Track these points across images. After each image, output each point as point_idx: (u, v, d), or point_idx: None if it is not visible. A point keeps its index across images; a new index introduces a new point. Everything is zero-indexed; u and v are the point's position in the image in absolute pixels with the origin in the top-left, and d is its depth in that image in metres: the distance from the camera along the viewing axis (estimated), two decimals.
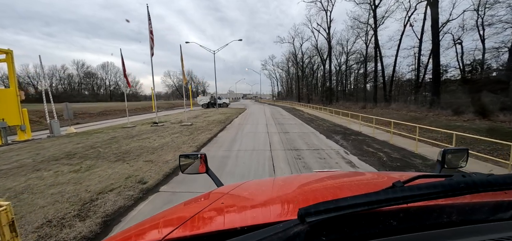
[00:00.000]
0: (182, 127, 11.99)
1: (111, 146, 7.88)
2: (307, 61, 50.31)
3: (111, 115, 26.99)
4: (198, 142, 8.02)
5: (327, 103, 32.24)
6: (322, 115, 18.57)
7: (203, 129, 11.36)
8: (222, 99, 38.03)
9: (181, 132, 10.31)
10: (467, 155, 1.22)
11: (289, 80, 69.75)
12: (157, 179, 4.54)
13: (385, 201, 0.43)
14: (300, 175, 1.43)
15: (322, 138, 9.00)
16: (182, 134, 9.84)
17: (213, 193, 1.04)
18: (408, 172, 1.40)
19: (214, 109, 30.04)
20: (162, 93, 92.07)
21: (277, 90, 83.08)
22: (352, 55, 39.24)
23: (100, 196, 3.87)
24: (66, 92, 65.98)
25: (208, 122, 14.48)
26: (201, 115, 19.66)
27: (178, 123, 14.10)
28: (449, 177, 0.57)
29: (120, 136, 9.96)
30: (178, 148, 7.12)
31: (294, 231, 0.43)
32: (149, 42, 12.88)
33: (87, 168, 5.47)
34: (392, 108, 18.98)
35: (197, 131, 10.71)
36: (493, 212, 0.53)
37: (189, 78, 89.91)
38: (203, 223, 0.69)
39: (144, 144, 8.01)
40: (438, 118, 12.77)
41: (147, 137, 9.39)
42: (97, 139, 9.33)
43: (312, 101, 41.90)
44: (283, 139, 8.63)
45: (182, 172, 1.41)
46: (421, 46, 22.33)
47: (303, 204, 0.59)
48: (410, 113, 15.41)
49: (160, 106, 39.90)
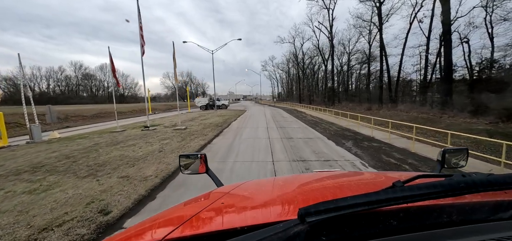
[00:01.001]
0: (174, 132, 10.93)
1: (88, 155, 6.83)
2: (308, 61, 49.34)
3: (105, 118, 25.95)
4: (188, 151, 6.96)
5: (329, 104, 31.19)
6: (326, 117, 17.49)
7: (198, 134, 10.30)
8: (221, 100, 36.94)
9: (171, 138, 9.25)
10: (467, 154, 1.21)
11: (290, 81, 68.81)
12: (125, 207, 3.47)
13: (385, 201, 0.42)
14: (300, 175, 1.51)
15: (332, 145, 7.92)
16: (173, 141, 8.78)
17: (213, 193, 1.04)
18: (408, 172, 1.55)
19: (213, 111, 28.99)
20: (161, 95, 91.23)
21: (277, 91, 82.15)
22: (353, 55, 38.25)
23: (41, 236, 2.81)
24: (63, 94, 65.10)
25: (204, 125, 13.41)
26: (198, 118, 18.59)
27: (172, 127, 13.04)
28: (449, 177, 0.56)
29: (104, 142, 8.91)
30: (162, 160, 6.05)
31: (294, 231, 0.43)
32: (139, 40, 11.85)
33: (47, 187, 4.41)
34: (400, 110, 17.88)
35: (190, 136, 9.65)
36: (493, 212, 0.52)
37: (188, 79, 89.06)
38: (203, 223, 0.69)
39: (127, 153, 6.95)
40: (454, 120, 11.69)
41: (133, 144, 8.33)
42: (77, 147, 8.28)
43: (314, 102, 40.84)
44: (286, 147, 7.56)
45: (182, 172, 1.41)
46: (429, 44, 21.29)
47: (303, 204, 0.56)
48: (422, 114, 14.33)
49: (157, 108, 38.90)
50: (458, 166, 1.21)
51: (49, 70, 65.13)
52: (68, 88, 69.72)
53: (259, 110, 30.43)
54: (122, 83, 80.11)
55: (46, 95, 60.78)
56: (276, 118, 17.61)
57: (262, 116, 19.98)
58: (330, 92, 34.59)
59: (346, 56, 38.83)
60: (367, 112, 19.35)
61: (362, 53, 35.76)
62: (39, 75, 64.02)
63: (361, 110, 21.90)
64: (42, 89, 64.71)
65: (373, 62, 34.02)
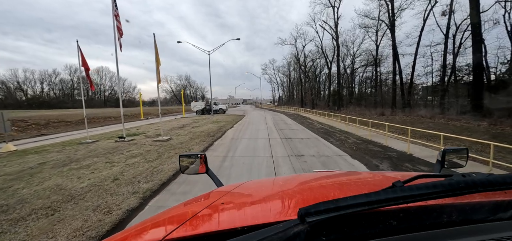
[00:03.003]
0: (152, 145, 8.73)
1: (12, 185, 4.66)
2: (310, 64, 47.35)
3: (92, 123, 23.78)
4: (154, 182, 4.75)
5: (335, 108, 29.03)
6: (338, 125, 15.24)
7: (180, 148, 8.10)
8: (219, 104, 34.73)
9: (144, 155, 7.05)
10: (467, 154, 1.20)
11: (291, 85, 66.86)
12: None
13: (385, 201, 0.42)
14: (301, 175, 1.45)
15: (361, 168, 5.71)
16: (145, 159, 6.58)
17: (213, 193, 1.04)
18: (408, 172, 1.42)
19: (209, 116, 26.84)
20: (162, 99, 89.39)
21: (278, 95, 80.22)
22: (358, 57, 36.29)
23: None
24: (57, 98, 63.08)
25: (193, 135, 11.21)
26: (189, 125, 16.38)
27: (154, 137, 10.84)
28: (449, 177, 0.55)
29: (54, 160, 6.74)
30: (106, 201, 3.83)
31: (294, 231, 0.43)
32: (114, 34, 9.76)
33: None
34: (420, 115, 15.63)
35: (169, 152, 7.44)
36: (493, 212, 0.52)
37: (186, 83, 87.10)
38: (203, 223, 0.69)
39: (66, 182, 4.76)
40: (503, 129, 9.49)
41: (88, 165, 6.13)
42: (15, 167, 6.13)
43: (317, 106, 38.69)
44: (298, 171, 5.37)
45: (182, 173, 1.41)
46: (447, 43, 19.21)
47: (303, 204, 0.57)
48: (452, 122, 12.13)
49: (151, 113, 36.74)
50: (458, 166, 1.20)
51: (43, 73, 63.15)
52: (64, 91, 67.66)
53: (259, 115, 28.17)
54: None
55: (38, 99, 58.79)
56: (279, 126, 15.38)
57: (262, 123, 17.77)
58: (336, 96, 32.40)
59: (350, 58, 36.91)
60: (380, 118, 17.17)
61: (368, 55, 33.81)
62: (33, 78, 62.04)
63: (373, 115, 19.70)
64: (36, 93, 62.70)
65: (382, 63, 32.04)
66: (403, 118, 15.22)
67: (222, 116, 27.25)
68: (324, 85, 50.64)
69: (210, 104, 29.84)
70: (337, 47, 30.55)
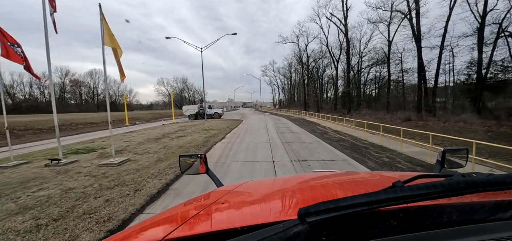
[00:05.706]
0: (89, 175, 5.51)
1: None
2: (312, 65, 44.25)
3: (66, 131, 20.58)
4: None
5: (344, 112, 25.83)
6: (358, 134, 12.00)
7: (128, 186, 4.86)
8: (214, 108, 31.46)
9: (55, 203, 3.82)
10: (467, 154, 1.19)
11: (291, 87, 63.72)
12: None
13: (385, 201, 0.42)
14: (301, 175, 1.47)
15: None
16: (37, 217, 3.36)
17: (213, 193, 1.03)
18: (408, 172, 1.41)
19: (202, 121, 23.65)
20: (159, 102, 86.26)
21: (278, 97, 77.09)
22: (365, 56, 33.21)
23: None
24: (46, 103, 59.96)
25: (165, 153, 7.99)
26: (170, 134, 13.12)
27: (106, 157, 7.60)
28: (449, 177, 0.55)
29: None
30: None
31: (294, 231, 0.43)
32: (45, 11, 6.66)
33: None
34: (463, 120, 12.38)
35: (99, 193, 4.21)
36: (493, 212, 0.52)
37: (184, 86, 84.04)
38: (203, 223, 0.68)
39: None
40: None
41: None
42: None
43: (322, 109, 35.50)
44: None
45: (182, 173, 1.40)
46: (482, 34, 16.08)
47: (303, 204, 0.56)
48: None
49: (140, 118, 33.53)
50: (458, 166, 1.18)
51: (32, 76, 60.10)
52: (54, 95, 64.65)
53: (259, 120, 24.86)
54: (113, 91, 75.28)
55: (26, 103, 55.74)
56: (285, 136, 12.04)
57: (263, 130, 14.55)
58: (346, 97, 29.17)
59: (357, 57, 33.82)
60: (408, 124, 13.95)
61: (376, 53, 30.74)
62: (21, 82, 59.06)
63: (394, 120, 16.48)
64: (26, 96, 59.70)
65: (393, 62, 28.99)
66: (441, 125, 12.05)
67: (216, 121, 24.02)
68: (327, 86, 47.50)
69: (204, 107, 26.64)
70: (347, 42, 27.41)
